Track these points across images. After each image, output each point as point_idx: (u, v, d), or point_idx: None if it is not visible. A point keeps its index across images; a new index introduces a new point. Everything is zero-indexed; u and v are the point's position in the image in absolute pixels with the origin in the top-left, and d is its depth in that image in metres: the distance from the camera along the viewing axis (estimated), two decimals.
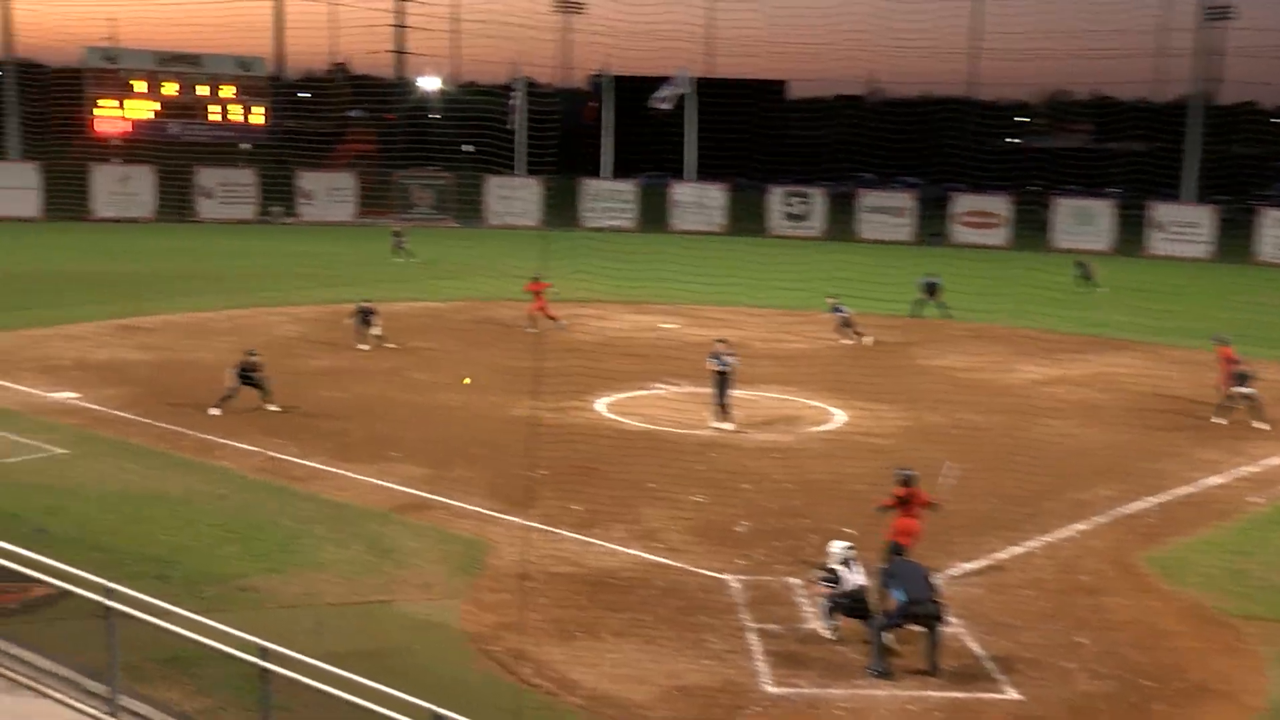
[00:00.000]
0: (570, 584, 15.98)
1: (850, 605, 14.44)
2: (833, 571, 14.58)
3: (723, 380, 24.44)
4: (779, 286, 37.43)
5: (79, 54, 75.75)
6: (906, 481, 16.21)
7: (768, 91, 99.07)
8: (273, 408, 25.09)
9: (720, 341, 24.77)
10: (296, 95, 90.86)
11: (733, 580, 16.29)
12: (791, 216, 73.54)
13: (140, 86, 75.41)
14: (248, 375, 25.28)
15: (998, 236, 69.13)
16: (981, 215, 70.71)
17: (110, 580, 11.76)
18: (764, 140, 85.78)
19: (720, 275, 36.55)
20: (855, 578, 14.50)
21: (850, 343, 34.88)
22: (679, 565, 16.80)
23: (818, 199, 73.57)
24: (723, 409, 24.46)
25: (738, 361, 24.90)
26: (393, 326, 34.99)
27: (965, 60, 75.85)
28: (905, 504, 16.12)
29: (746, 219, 72.53)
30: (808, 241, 66.87)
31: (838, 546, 14.85)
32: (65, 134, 72.20)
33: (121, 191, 70.59)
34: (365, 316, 32.67)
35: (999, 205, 70.18)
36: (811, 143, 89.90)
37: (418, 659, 13.60)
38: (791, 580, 16.24)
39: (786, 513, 19.21)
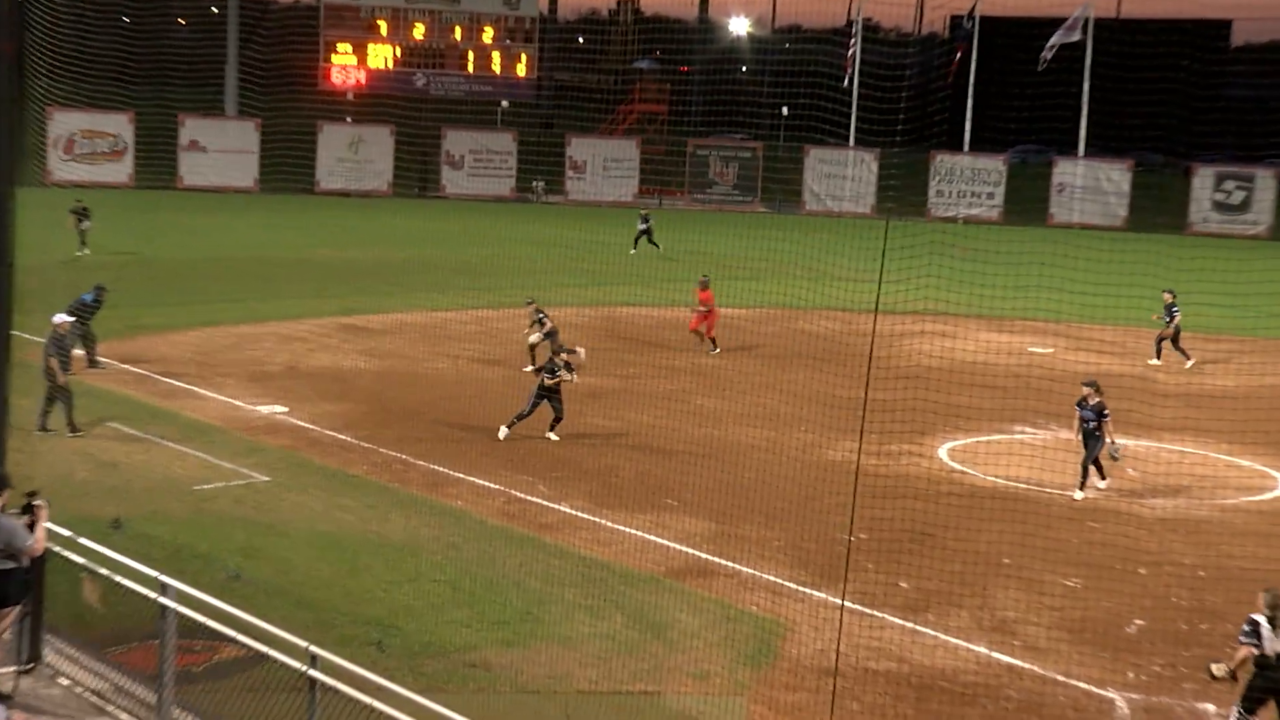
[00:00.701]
0: (892, 685, 15.80)
1: (1268, 681, 13.62)
2: (1254, 624, 13.78)
3: (1088, 435, 23.71)
4: (1200, 302, 35.96)
5: None
6: None
7: (1197, 36, 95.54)
8: (553, 436, 26.03)
9: (1087, 385, 24.02)
10: (572, 41, 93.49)
11: (1119, 698, 15.79)
12: (1224, 207, 70.81)
13: (383, 28, 79.20)
14: (547, 389, 26.10)
15: None
16: None
17: (315, 644, 12.24)
18: (1189, 103, 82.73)
19: (1117, 284, 35.38)
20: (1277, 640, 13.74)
21: (1157, 363, 35.38)
22: (1043, 672, 16.39)
23: (1265, 183, 70.56)
24: (1086, 471, 23.76)
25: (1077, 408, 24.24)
26: (672, 339, 35.47)
27: None
28: None
29: (1157, 209, 70.21)
30: (1247, 241, 64.22)
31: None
32: (291, 85, 76.51)
33: (352, 158, 74.27)
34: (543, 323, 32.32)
35: None
36: (1259, 106, 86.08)
37: None
38: (1206, 707, 15.56)
39: (1199, 611, 18.52)
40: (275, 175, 71.43)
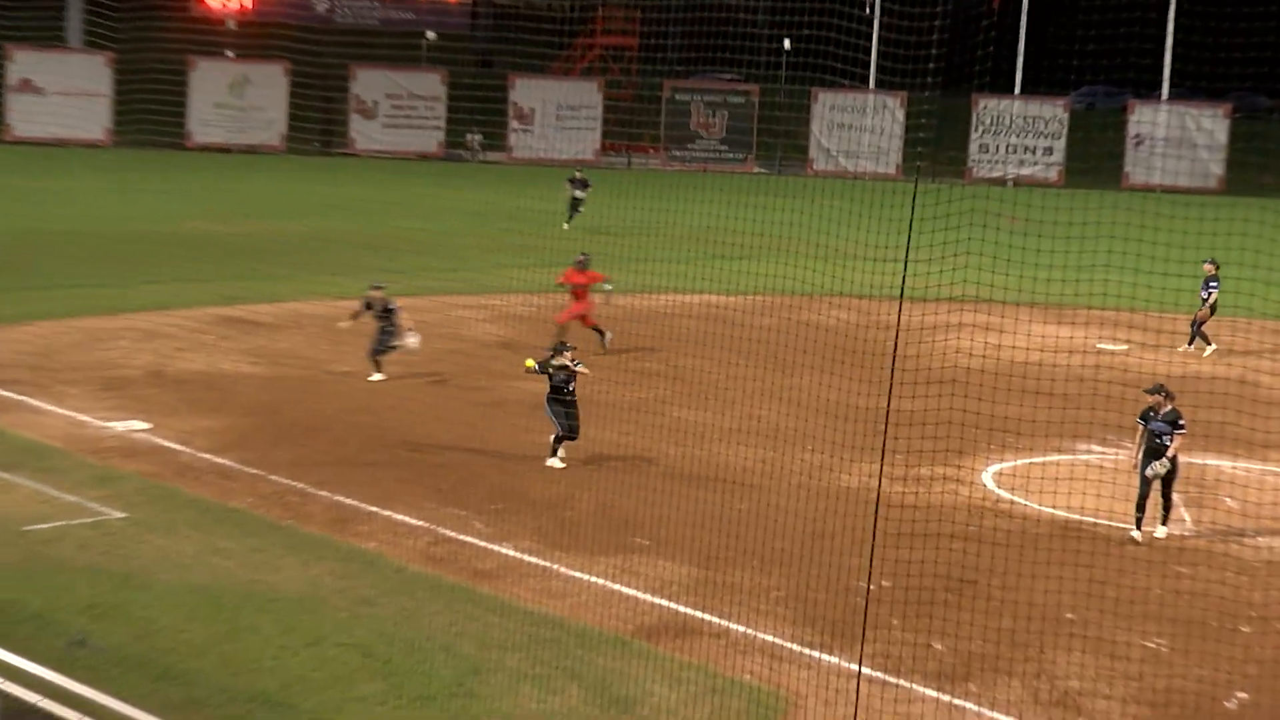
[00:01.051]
0: None
1: None
2: None
3: (1153, 453, 23.54)
4: None
5: None
6: None
7: None
8: (558, 461, 26.07)
9: (1153, 392, 23.86)
10: None
11: None
12: None
13: None
14: (559, 391, 26.12)
15: None
16: None
17: None
18: None
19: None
20: None
21: (1211, 350, 37.38)
22: None
23: None
24: (1169, 500, 23.66)
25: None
26: (643, 334, 35.40)
27: None
28: None
29: (1263, 166, 70.52)
30: None
31: None
32: (154, 9, 76.01)
33: (235, 105, 74.17)
34: (387, 315, 31.84)
35: None
36: None
37: None
38: None
39: None
40: (134, 125, 71.15)
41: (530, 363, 26.40)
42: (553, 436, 26.05)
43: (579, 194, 56.46)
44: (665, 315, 37.78)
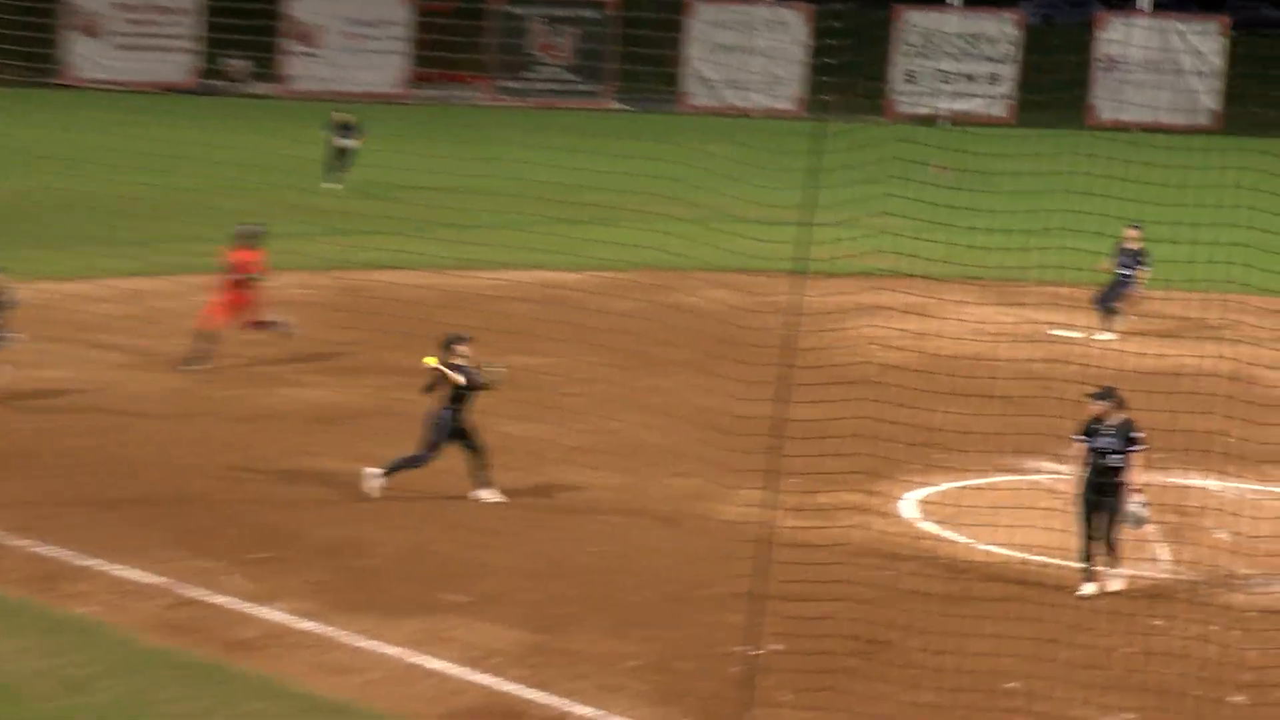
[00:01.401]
0: None
1: None
2: None
3: (1097, 482, 23.78)
4: None
5: None
6: None
7: None
8: (491, 495, 26.33)
9: (1099, 398, 24.16)
10: None
11: None
12: None
13: None
14: (459, 401, 26.25)
15: None
16: None
17: None
18: None
19: (1196, 223, 35.96)
20: None
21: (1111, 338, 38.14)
22: None
23: None
24: (1094, 548, 23.94)
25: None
26: (458, 321, 35.52)
27: None
28: None
29: (1269, 99, 71.46)
30: None
31: None
32: None
33: None
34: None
35: None
36: None
37: None
38: None
39: None
40: None
41: (431, 360, 26.29)
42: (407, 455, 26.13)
43: (347, 143, 56.23)
44: (488, 298, 37.91)
